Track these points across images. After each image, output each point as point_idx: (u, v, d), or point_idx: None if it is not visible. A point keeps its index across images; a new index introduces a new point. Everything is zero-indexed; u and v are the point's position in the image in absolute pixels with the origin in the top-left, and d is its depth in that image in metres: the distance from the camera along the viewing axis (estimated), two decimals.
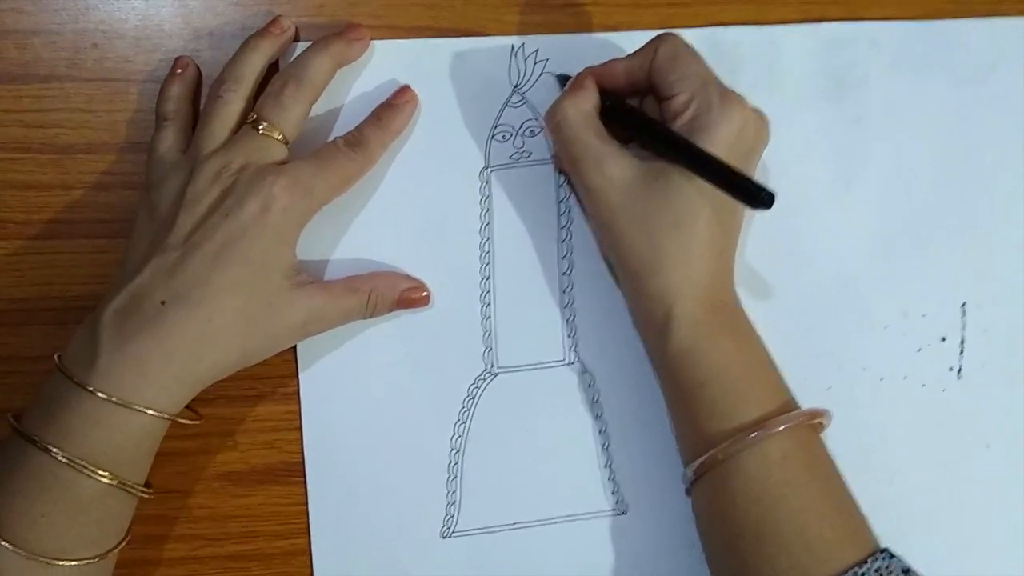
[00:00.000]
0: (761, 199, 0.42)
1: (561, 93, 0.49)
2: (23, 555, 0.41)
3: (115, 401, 0.42)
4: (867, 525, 0.45)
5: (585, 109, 0.47)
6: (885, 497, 0.53)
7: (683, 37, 0.47)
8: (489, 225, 0.52)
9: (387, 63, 0.50)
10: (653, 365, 0.49)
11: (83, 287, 0.50)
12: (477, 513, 0.51)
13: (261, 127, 0.46)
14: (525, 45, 0.51)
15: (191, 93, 0.49)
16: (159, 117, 0.48)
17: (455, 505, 0.51)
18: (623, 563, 0.52)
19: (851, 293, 0.53)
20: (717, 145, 0.44)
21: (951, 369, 0.54)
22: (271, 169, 0.45)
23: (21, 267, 0.50)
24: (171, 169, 0.46)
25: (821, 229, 0.53)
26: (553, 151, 0.51)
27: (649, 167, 0.46)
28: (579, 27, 0.51)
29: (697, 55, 0.47)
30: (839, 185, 0.53)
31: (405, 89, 0.50)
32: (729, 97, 0.45)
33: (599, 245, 0.51)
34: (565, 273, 0.52)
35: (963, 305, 0.54)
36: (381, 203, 0.51)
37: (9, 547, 0.41)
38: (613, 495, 0.52)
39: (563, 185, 0.52)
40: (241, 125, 0.47)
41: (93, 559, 0.43)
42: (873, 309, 0.54)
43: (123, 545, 0.45)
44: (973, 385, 0.54)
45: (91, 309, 0.44)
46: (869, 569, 0.42)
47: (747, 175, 0.43)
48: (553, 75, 0.51)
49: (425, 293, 0.51)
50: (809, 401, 0.46)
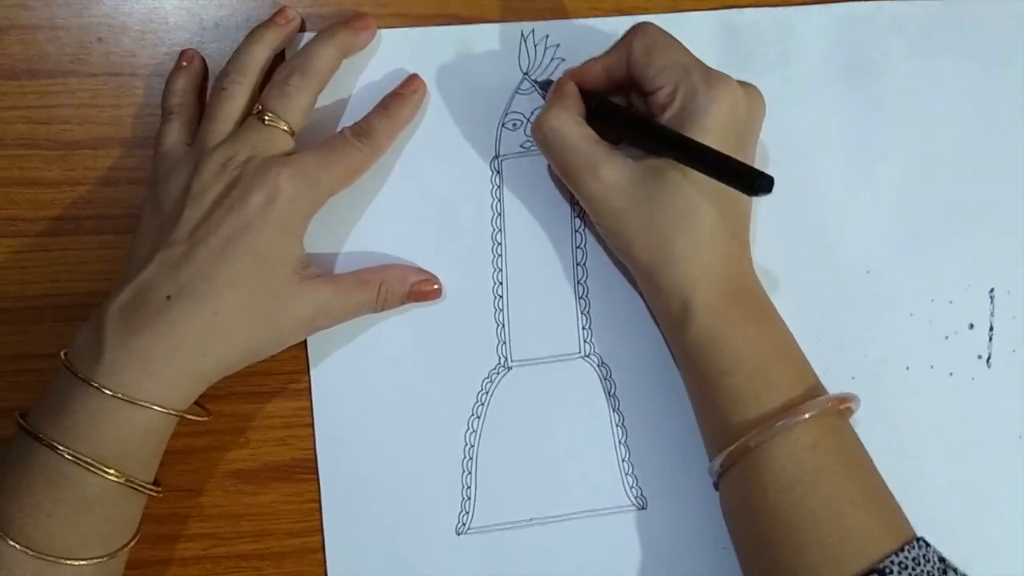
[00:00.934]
0: (759, 185, 0.40)
1: (545, 103, 0.47)
2: (30, 554, 0.41)
3: (120, 397, 0.41)
4: (901, 512, 0.44)
5: (570, 117, 0.46)
6: (914, 490, 0.51)
7: (656, 23, 0.46)
8: (500, 216, 0.51)
9: (394, 52, 0.49)
10: (675, 358, 0.48)
11: (90, 283, 0.49)
12: (492, 509, 0.50)
13: (266, 118, 0.45)
14: (535, 31, 0.50)
15: (197, 86, 0.49)
16: (165, 111, 0.48)
17: (470, 501, 0.50)
18: (643, 560, 0.51)
19: (874, 280, 0.52)
20: (710, 131, 0.43)
21: (980, 357, 0.53)
22: (277, 160, 0.44)
23: (28, 264, 0.49)
24: (177, 163, 0.46)
25: (842, 213, 0.52)
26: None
27: (645, 165, 0.45)
28: (590, 12, 0.50)
29: (675, 41, 0.45)
30: (859, 169, 0.52)
31: (413, 78, 0.49)
32: (714, 79, 0.44)
33: (609, 247, 0.50)
34: (579, 263, 0.51)
35: (991, 291, 0.53)
36: (390, 195, 0.50)
37: (16, 546, 0.41)
38: (632, 490, 0.51)
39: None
40: (247, 117, 0.46)
41: (102, 558, 0.43)
42: (897, 296, 0.52)
43: (132, 544, 0.45)
44: (1003, 373, 0.53)
45: (98, 306, 0.44)
46: (906, 558, 0.41)
47: (741, 162, 0.41)
48: (535, 82, 0.50)
49: (436, 286, 0.50)
50: (833, 390, 0.45)
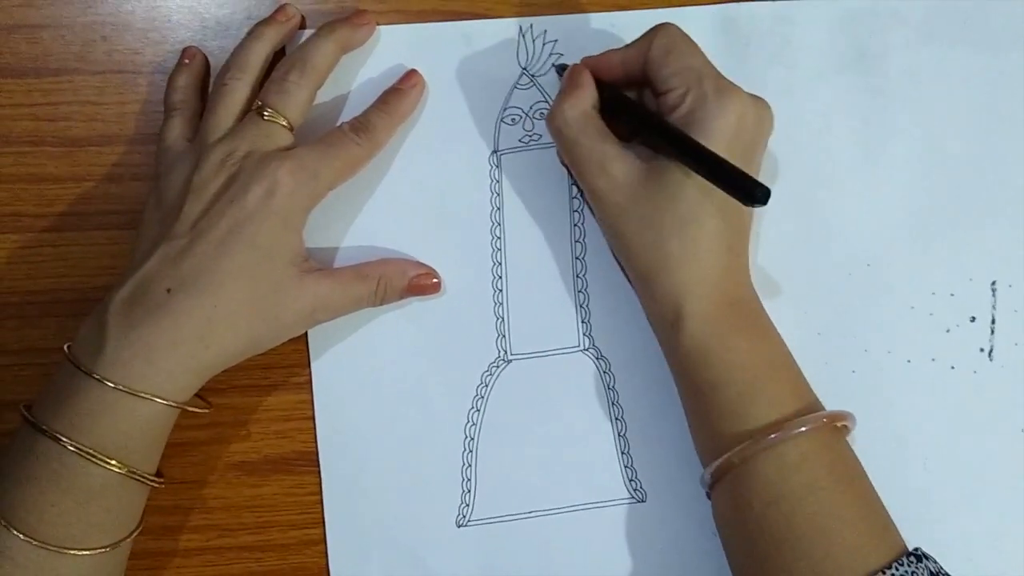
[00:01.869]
0: (755, 195, 0.40)
1: (559, 92, 0.47)
2: (34, 544, 0.42)
3: (122, 389, 0.42)
4: (894, 528, 0.44)
5: (584, 109, 0.46)
6: (916, 484, 0.52)
7: (679, 27, 0.46)
8: (500, 210, 0.51)
9: (393, 48, 0.50)
10: (668, 365, 0.48)
11: (96, 279, 0.50)
12: (492, 502, 0.51)
13: (266, 113, 0.46)
14: (533, 26, 0.50)
15: (199, 83, 0.49)
16: (167, 107, 0.48)
17: (470, 494, 0.51)
18: (642, 552, 0.51)
19: (875, 272, 0.52)
20: (715, 139, 0.43)
21: (982, 350, 0.52)
22: (276, 155, 0.45)
23: (34, 260, 0.50)
24: (178, 158, 0.46)
25: (843, 206, 0.52)
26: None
27: (652, 166, 0.45)
28: (588, 7, 0.51)
29: (693, 46, 0.45)
30: (861, 162, 0.52)
31: (412, 73, 0.49)
32: (725, 89, 0.44)
33: (610, 246, 0.50)
34: (578, 257, 0.51)
35: (993, 284, 0.52)
36: (390, 189, 0.50)
37: (20, 536, 0.41)
38: (631, 483, 0.51)
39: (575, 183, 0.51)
40: (247, 112, 0.47)
41: (105, 549, 0.43)
42: (899, 289, 0.52)
43: (135, 535, 0.45)
44: (1005, 366, 0.52)
45: (102, 300, 0.44)
46: (894, 575, 0.41)
47: (740, 169, 0.41)
48: (555, 66, 0.50)
49: (436, 280, 0.50)
50: (833, 385, 0.45)
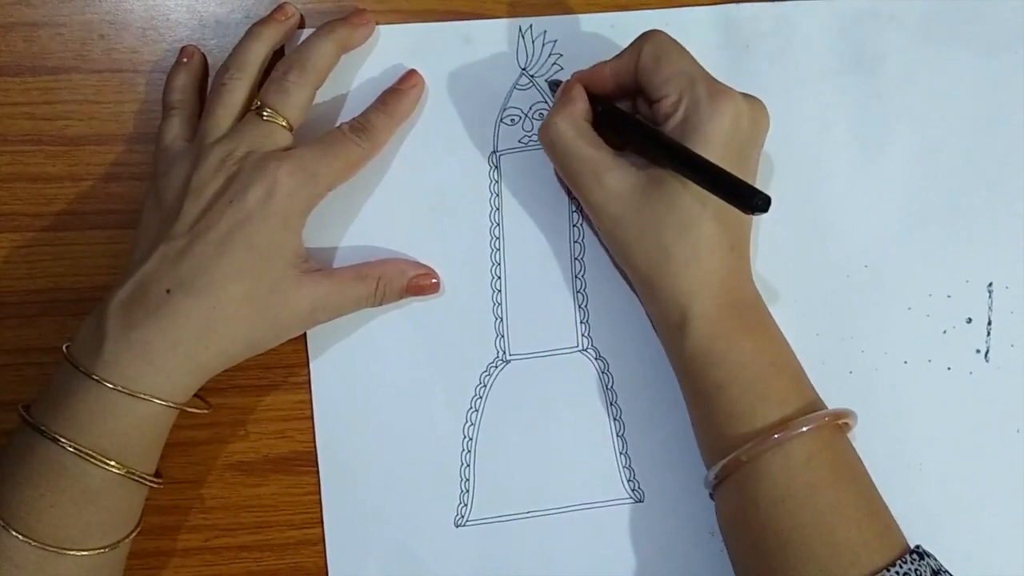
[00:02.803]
0: (756, 204, 0.40)
1: (552, 107, 0.47)
2: (33, 545, 0.42)
3: (121, 390, 0.42)
4: (896, 527, 0.44)
5: (576, 122, 0.46)
6: (912, 484, 0.52)
7: (667, 32, 0.46)
8: (499, 210, 0.51)
9: (393, 47, 0.50)
10: (673, 368, 0.48)
11: (94, 278, 0.50)
12: (490, 502, 0.51)
13: (265, 113, 0.46)
14: (533, 27, 0.50)
15: (197, 82, 0.49)
16: (165, 107, 0.48)
17: (468, 494, 0.51)
18: (640, 552, 0.51)
19: (872, 273, 0.52)
20: (711, 142, 0.43)
21: (978, 351, 0.53)
22: (275, 155, 0.45)
23: (32, 259, 0.50)
24: (177, 158, 0.46)
25: (841, 207, 0.52)
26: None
27: (648, 174, 0.45)
28: (588, 7, 0.51)
29: (683, 51, 0.45)
30: (859, 163, 0.52)
31: (411, 74, 0.49)
32: (718, 91, 0.44)
33: (610, 254, 0.50)
34: (577, 258, 0.51)
35: (989, 285, 0.52)
36: (389, 189, 0.50)
37: (19, 537, 0.41)
38: (629, 483, 0.51)
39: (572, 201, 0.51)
40: (246, 112, 0.46)
41: (103, 549, 0.43)
42: (895, 290, 0.52)
43: (134, 535, 0.45)
44: (1001, 368, 0.53)
45: (101, 300, 0.44)
46: (898, 572, 0.41)
47: (739, 178, 0.41)
48: (548, 82, 0.50)
49: (435, 280, 0.50)
50: (830, 386, 0.45)
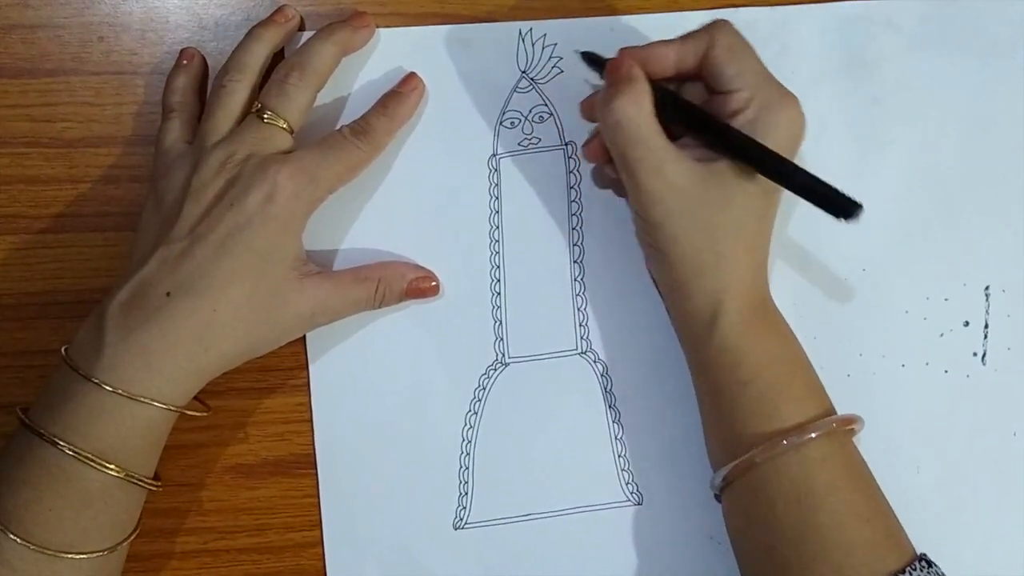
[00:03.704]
0: (850, 211, 0.40)
1: (608, 85, 0.45)
2: (31, 548, 0.41)
3: (120, 393, 0.42)
4: (903, 530, 0.44)
5: (645, 107, 0.44)
6: (909, 487, 0.52)
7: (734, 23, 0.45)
8: (499, 213, 0.51)
9: (393, 50, 0.50)
10: (692, 365, 0.48)
11: (92, 280, 0.50)
12: (489, 504, 0.51)
13: (266, 116, 0.45)
14: (533, 30, 0.50)
15: (197, 84, 0.49)
16: (165, 109, 0.48)
17: (467, 496, 0.51)
18: (639, 555, 0.51)
19: (870, 277, 0.52)
20: (780, 145, 0.43)
21: (975, 354, 0.53)
22: (276, 158, 0.45)
23: (31, 261, 0.50)
24: (177, 160, 0.46)
25: None
26: (567, 140, 0.51)
27: (709, 169, 0.44)
28: (587, 11, 0.51)
29: (752, 47, 0.45)
30: (856, 167, 0.52)
31: (411, 77, 0.49)
32: (787, 94, 0.44)
33: (641, 239, 0.49)
34: (576, 260, 0.51)
35: (986, 289, 0.53)
36: (389, 192, 0.50)
37: (17, 540, 0.41)
38: (628, 486, 0.51)
39: (574, 171, 0.51)
40: (246, 115, 0.46)
41: (102, 552, 0.43)
42: (893, 293, 0.52)
43: (132, 538, 0.45)
44: (998, 371, 0.53)
45: (100, 302, 0.44)
46: None
47: (836, 188, 0.41)
48: (578, 52, 0.49)
49: (434, 283, 0.50)
50: (828, 388, 0.46)
